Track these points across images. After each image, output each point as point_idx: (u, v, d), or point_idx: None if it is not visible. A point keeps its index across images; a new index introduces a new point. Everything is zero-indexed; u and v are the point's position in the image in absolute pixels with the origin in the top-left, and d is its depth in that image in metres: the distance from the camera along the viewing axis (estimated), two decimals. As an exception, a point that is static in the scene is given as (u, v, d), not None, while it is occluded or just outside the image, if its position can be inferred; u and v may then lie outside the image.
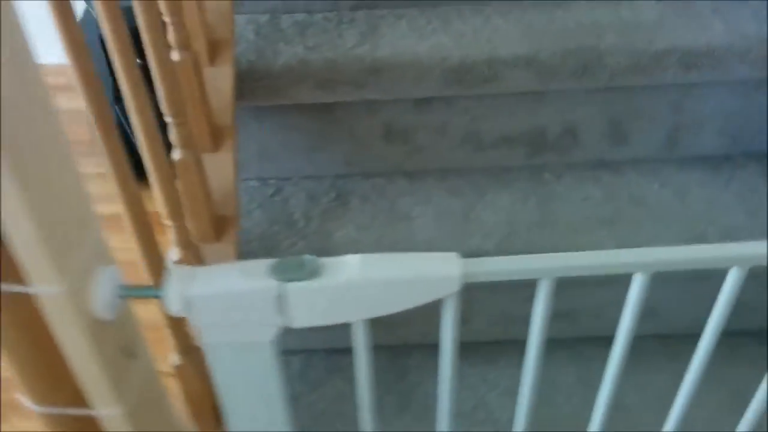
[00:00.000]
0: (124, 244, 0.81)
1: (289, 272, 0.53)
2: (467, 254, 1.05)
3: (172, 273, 0.54)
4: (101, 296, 0.52)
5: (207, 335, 0.56)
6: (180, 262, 0.92)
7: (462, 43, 1.11)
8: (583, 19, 1.14)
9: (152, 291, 0.54)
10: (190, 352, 0.91)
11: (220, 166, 1.06)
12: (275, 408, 0.63)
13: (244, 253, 1.10)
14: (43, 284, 0.48)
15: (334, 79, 1.10)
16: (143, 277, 0.84)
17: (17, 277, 0.48)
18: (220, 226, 1.03)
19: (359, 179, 1.22)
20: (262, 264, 0.54)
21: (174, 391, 0.94)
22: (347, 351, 0.55)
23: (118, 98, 0.71)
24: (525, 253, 0.97)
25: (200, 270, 0.55)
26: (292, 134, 1.21)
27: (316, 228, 1.14)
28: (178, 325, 0.88)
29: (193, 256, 0.92)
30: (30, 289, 0.48)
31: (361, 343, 0.58)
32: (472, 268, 0.54)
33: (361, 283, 0.53)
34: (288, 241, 1.12)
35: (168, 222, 0.89)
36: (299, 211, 1.17)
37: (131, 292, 0.54)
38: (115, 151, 0.71)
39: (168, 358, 0.92)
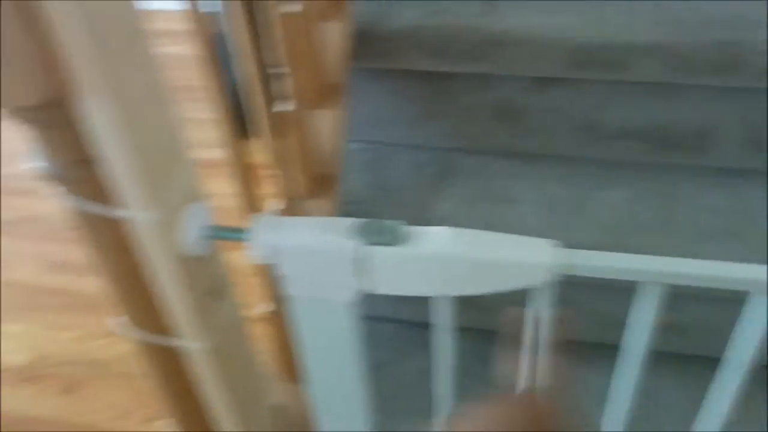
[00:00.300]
0: (224, 191, 0.83)
1: (373, 235, 0.52)
2: (574, 248, 1.02)
3: (260, 219, 0.54)
4: (190, 231, 0.53)
5: (289, 286, 0.57)
6: (279, 214, 0.94)
7: (593, 24, 1.05)
8: (729, 12, 1.04)
9: (239, 234, 0.54)
10: (282, 300, 0.93)
11: (328, 124, 1.06)
12: (351, 369, 0.63)
13: (341, 215, 1.11)
14: (139, 210, 0.49)
15: (451, 48, 1.07)
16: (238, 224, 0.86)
17: (112, 202, 0.50)
18: (321, 183, 1.04)
19: (465, 155, 1.19)
20: (348, 223, 0.54)
21: (263, 337, 0.97)
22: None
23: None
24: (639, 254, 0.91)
25: (288, 220, 0.55)
26: (402, 101, 1.19)
27: (414, 199, 1.12)
28: (267, 272, 0.90)
29: (293, 209, 0.94)
30: (127, 214, 0.50)
31: (441, 320, 0.57)
32: (569, 260, 0.51)
33: (446, 258, 0.51)
34: (385, 209, 1.11)
35: (272, 173, 0.91)
36: (400, 180, 1.16)
37: (218, 233, 0.55)
38: (223, 97, 0.72)
39: (256, 305, 0.95)
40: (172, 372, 0.66)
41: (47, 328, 1.60)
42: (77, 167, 0.47)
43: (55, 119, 0.44)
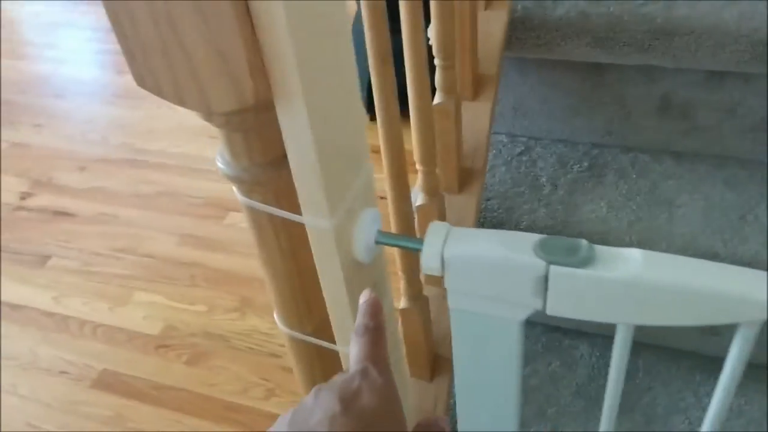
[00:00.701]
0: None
1: (558, 254, 0.47)
2: (738, 262, 0.92)
3: (433, 228, 0.51)
4: (363, 238, 0.51)
5: (455, 300, 0.53)
6: (423, 208, 0.90)
7: (781, 12, 0.93)
8: None
9: (412, 243, 0.51)
10: (418, 299, 0.90)
11: (476, 116, 1.02)
12: (508, 386, 0.59)
13: (482, 210, 1.06)
14: (315, 217, 0.47)
15: (616, 37, 0.99)
16: (384, 214, 0.83)
17: (294, 208, 0.48)
18: (465, 177, 1.00)
19: (618, 152, 1.11)
20: (529, 238, 0.49)
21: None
22: (569, 332, 0.48)
23: (394, 30, 0.68)
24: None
25: (462, 231, 0.51)
26: (553, 92, 1.12)
27: (562, 197, 1.05)
28: (411, 271, 0.87)
29: (437, 205, 0.90)
30: (303, 220, 0.48)
31: (620, 350, 0.51)
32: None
33: (641, 284, 0.46)
34: (529, 206, 1.05)
35: (419, 167, 0.87)
36: (546, 175, 1.10)
37: (391, 240, 0.52)
38: (387, 83, 0.69)
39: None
40: (320, 371, 0.65)
41: (178, 300, 1.67)
42: (261, 170, 0.45)
43: (247, 123, 0.42)
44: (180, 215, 1.90)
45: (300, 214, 0.49)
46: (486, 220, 1.04)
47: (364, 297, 0.47)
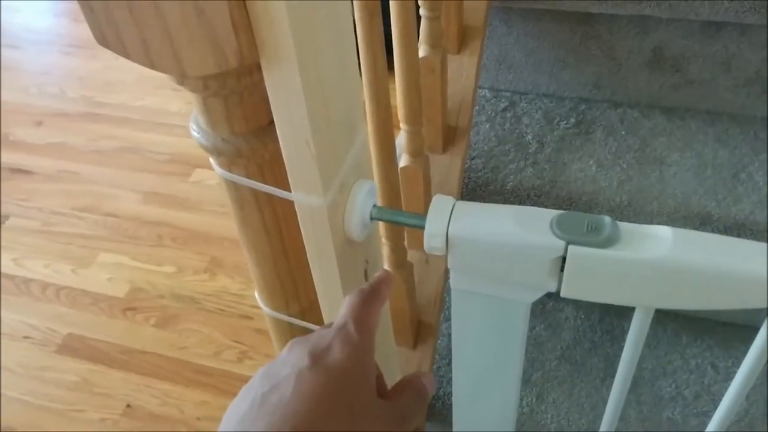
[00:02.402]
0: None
1: (578, 232, 0.43)
2: (731, 223, 0.89)
3: (437, 203, 0.46)
4: (357, 215, 0.45)
5: (458, 281, 0.48)
6: (407, 170, 0.85)
7: (784, -41, 0.88)
8: None
9: (413, 219, 0.46)
10: (402, 266, 0.85)
11: (461, 71, 0.96)
12: (509, 368, 0.55)
13: (466, 170, 1.01)
14: (306, 194, 0.42)
15: (609, -14, 0.93)
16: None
17: (281, 183, 0.42)
18: (450, 136, 0.95)
19: (607, 107, 1.06)
20: (545, 214, 0.44)
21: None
22: (553, 294, 0.45)
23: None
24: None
25: (469, 206, 0.46)
26: (539, 44, 1.06)
27: (549, 155, 1.01)
28: (396, 239, 0.82)
29: (422, 166, 0.85)
30: (292, 197, 0.42)
31: (637, 335, 0.48)
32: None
33: (670, 266, 0.42)
34: (515, 165, 1.01)
35: (404, 127, 0.81)
36: (532, 132, 1.05)
37: (388, 216, 0.47)
38: (375, 40, 0.62)
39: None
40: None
41: (144, 261, 1.60)
42: (243, 141, 0.39)
43: (228, 87, 0.36)
44: (144, 172, 1.81)
45: (287, 189, 0.43)
46: (471, 180, 0.99)
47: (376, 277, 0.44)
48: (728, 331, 0.97)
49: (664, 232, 0.43)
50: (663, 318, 1.03)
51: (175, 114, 1.96)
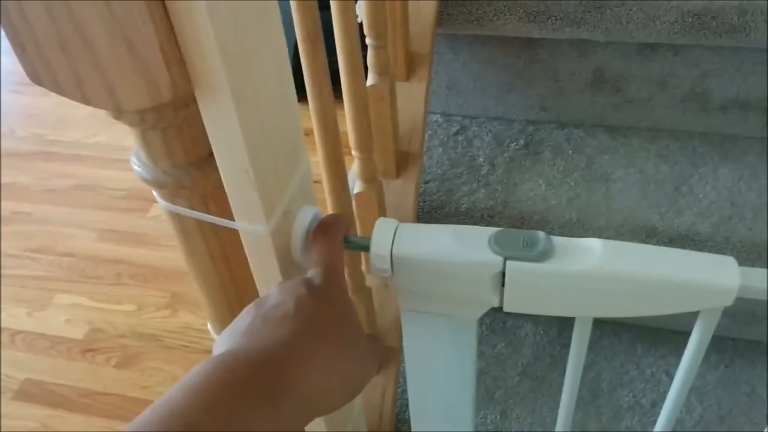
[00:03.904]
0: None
1: (514, 248, 0.45)
2: (675, 234, 0.92)
3: (380, 226, 0.47)
4: (303, 240, 0.46)
5: (406, 301, 0.49)
6: (361, 196, 0.86)
7: (709, -17, 0.93)
8: None
9: (358, 242, 0.47)
10: (361, 290, 0.86)
11: (410, 97, 0.98)
12: (462, 385, 0.56)
13: (421, 194, 1.03)
14: (250, 222, 0.42)
15: (548, 11, 0.97)
16: (322, 199, 0.79)
17: (225, 212, 0.43)
18: (403, 161, 0.96)
19: (554, 128, 1.10)
20: (483, 232, 0.46)
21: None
22: (512, 312, 0.47)
23: (322, 6, 0.63)
24: (747, 243, 0.82)
25: (411, 227, 0.47)
26: (486, 69, 1.10)
27: (500, 177, 1.03)
28: (353, 264, 0.83)
29: (375, 191, 0.86)
30: (236, 226, 0.43)
31: (579, 343, 0.49)
32: (754, 282, 0.42)
33: (602, 276, 0.43)
34: (468, 187, 1.03)
35: (355, 154, 0.83)
36: (484, 155, 1.07)
37: (333, 241, 0.48)
38: (318, 66, 0.64)
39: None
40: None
41: (103, 300, 1.57)
42: (184, 173, 0.40)
43: (165, 120, 0.37)
44: (99, 209, 1.79)
45: (231, 218, 0.44)
46: (426, 203, 1.01)
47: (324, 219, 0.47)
48: (680, 339, 0.99)
49: (594, 244, 0.45)
50: (618, 329, 1.05)
51: (129, 149, 1.93)
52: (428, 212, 1.01)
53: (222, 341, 0.37)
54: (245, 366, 0.33)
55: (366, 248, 0.46)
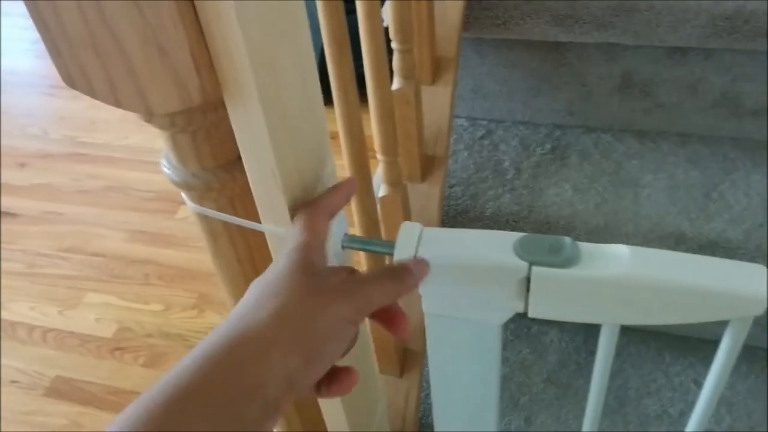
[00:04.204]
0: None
1: (540, 253, 0.44)
2: (705, 241, 0.91)
3: (405, 230, 0.47)
4: (329, 244, 0.46)
5: (430, 305, 0.50)
6: (386, 200, 0.86)
7: (742, -14, 0.92)
8: None
9: (382, 246, 0.47)
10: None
11: (436, 101, 0.98)
12: (486, 390, 0.56)
13: (446, 198, 1.03)
14: (276, 225, 0.43)
15: (575, 15, 0.96)
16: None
17: (252, 214, 0.43)
18: (428, 165, 0.96)
19: (581, 132, 1.09)
20: (508, 237, 0.46)
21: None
22: (538, 318, 0.46)
23: (348, 10, 0.63)
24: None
25: (435, 231, 0.47)
26: (512, 73, 1.09)
27: (526, 181, 1.03)
28: (376, 264, 0.83)
29: (400, 195, 0.86)
30: (263, 228, 0.43)
31: (606, 350, 0.49)
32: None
33: (629, 283, 0.43)
34: (493, 192, 1.03)
35: (380, 157, 0.83)
36: (509, 159, 1.07)
37: (359, 244, 0.48)
38: (345, 72, 0.64)
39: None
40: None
41: (131, 300, 1.60)
42: (212, 175, 0.41)
43: (194, 124, 0.37)
44: (129, 210, 1.82)
45: (258, 220, 0.44)
46: (450, 208, 1.01)
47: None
48: (710, 347, 0.97)
49: (622, 250, 0.44)
50: (646, 337, 1.04)
51: (159, 152, 1.96)
52: (453, 216, 1.00)
53: (240, 312, 0.38)
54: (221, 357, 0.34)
55: (390, 252, 0.46)
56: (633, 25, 0.94)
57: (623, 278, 0.43)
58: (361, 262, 0.83)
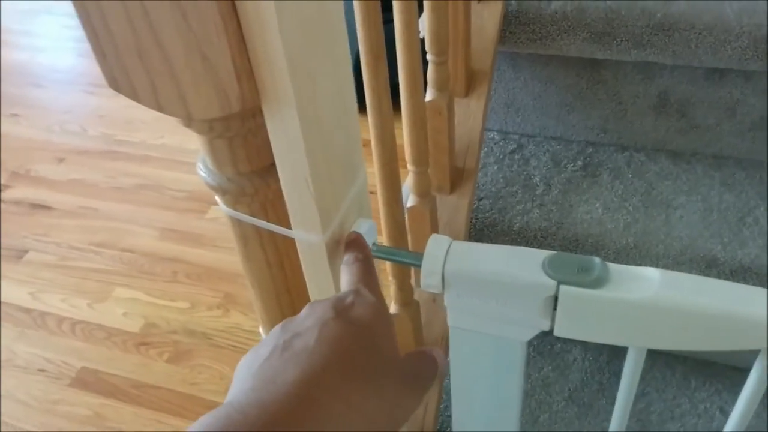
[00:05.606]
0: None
1: (568, 272, 0.44)
2: (737, 267, 0.89)
3: (433, 243, 0.47)
4: (356, 253, 0.47)
5: (455, 318, 0.50)
6: (414, 210, 0.87)
7: (785, 9, 0.90)
8: None
9: (410, 258, 0.47)
10: (409, 304, 0.86)
11: (468, 114, 0.98)
12: (508, 406, 0.56)
13: (474, 211, 1.02)
14: (306, 231, 0.43)
15: (613, 33, 0.96)
16: (375, 209, 0.79)
17: (283, 220, 0.44)
18: (457, 177, 0.96)
19: (614, 150, 1.08)
20: (537, 255, 0.46)
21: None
22: (560, 337, 0.46)
23: (384, 20, 0.63)
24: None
25: (464, 245, 0.47)
26: (546, 88, 1.09)
27: (555, 197, 1.02)
28: (402, 277, 0.83)
29: (429, 206, 0.87)
30: (293, 234, 0.44)
31: (631, 373, 0.48)
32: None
33: (659, 307, 0.43)
34: (522, 206, 1.02)
35: (410, 167, 0.84)
36: (539, 174, 1.06)
37: (387, 254, 0.48)
38: (380, 81, 0.65)
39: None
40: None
41: (158, 297, 1.62)
42: (247, 180, 0.41)
43: (232, 130, 0.38)
44: (161, 209, 1.84)
45: (289, 226, 0.45)
46: (478, 221, 1.00)
47: (348, 237, 0.46)
48: (738, 375, 0.96)
49: (652, 273, 0.44)
50: (672, 361, 1.02)
51: (193, 152, 2.00)
52: (480, 230, 1.00)
53: (241, 370, 0.35)
54: (242, 424, 0.30)
55: (417, 264, 0.47)
56: (672, 44, 0.93)
57: (652, 301, 0.43)
58: (386, 270, 0.84)
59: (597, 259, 0.44)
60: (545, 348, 1.07)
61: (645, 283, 0.43)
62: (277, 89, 0.36)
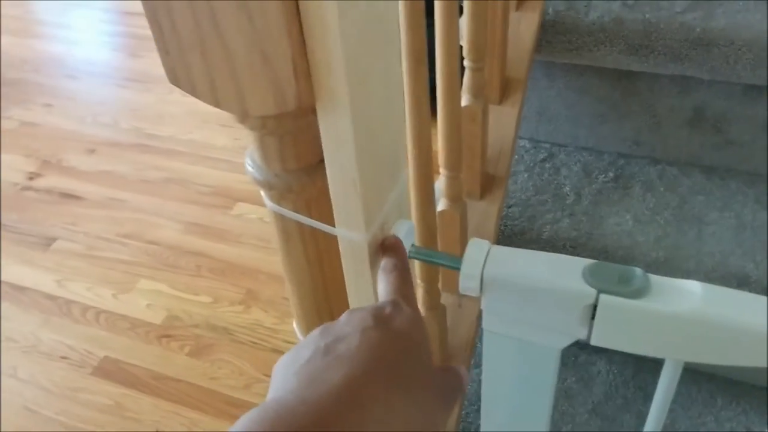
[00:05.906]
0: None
1: (609, 282, 0.44)
2: (770, 284, 0.88)
3: (473, 246, 0.47)
4: (396, 254, 0.47)
5: (491, 323, 0.50)
6: (445, 214, 0.87)
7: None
8: None
9: (449, 260, 0.48)
10: (435, 308, 0.87)
11: (501, 121, 0.98)
12: (539, 413, 0.56)
13: (503, 218, 1.03)
14: (349, 230, 0.44)
15: (651, 45, 0.95)
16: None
17: (325, 218, 0.45)
18: (488, 183, 0.97)
19: (646, 163, 1.07)
20: (577, 263, 0.46)
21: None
22: (587, 347, 0.46)
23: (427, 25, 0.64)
24: None
25: (504, 250, 0.48)
26: (580, 98, 1.09)
27: (586, 208, 1.02)
28: (430, 280, 0.83)
29: (460, 211, 0.87)
30: (336, 232, 0.44)
31: (666, 386, 0.48)
32: None
33: (700, 320, 0.42)
34: (551, 215, 1.02)
35: (443, 172, 0.84)
36: (570, 184, 1.06)
37: (426, 256, 0.49)
38: (420, 85, 0.65)
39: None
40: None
41: (182, 290, 1.64)
42: (293, 177, 0.42)
43: (284, 127, 0.39)
44: (187, 203, 1.87)
45: (331, 223, 0.46)
46: (507, 228, 1.00)
47: (387, 241, 0.46)
48: (765, 395, 0.95)
49: (694, 286, 0.44)
50: (698, 378, 1.01)
51: (220, 149, 2.02)
52: (509, 237, 1.00)
53: (280, 371, 0.35)
54: (291, 421, 0.30)
55: (457, 267, 0.47)
56: (710, 59, 0.93)
57: (694, 314, 0.43)
58: (414, 273, 0.84)
59: (638, 270, 0.44)
60: (569, 359, 1.07)
61: (687, 296, 0.43)
62: (332, 89, 0.36)
